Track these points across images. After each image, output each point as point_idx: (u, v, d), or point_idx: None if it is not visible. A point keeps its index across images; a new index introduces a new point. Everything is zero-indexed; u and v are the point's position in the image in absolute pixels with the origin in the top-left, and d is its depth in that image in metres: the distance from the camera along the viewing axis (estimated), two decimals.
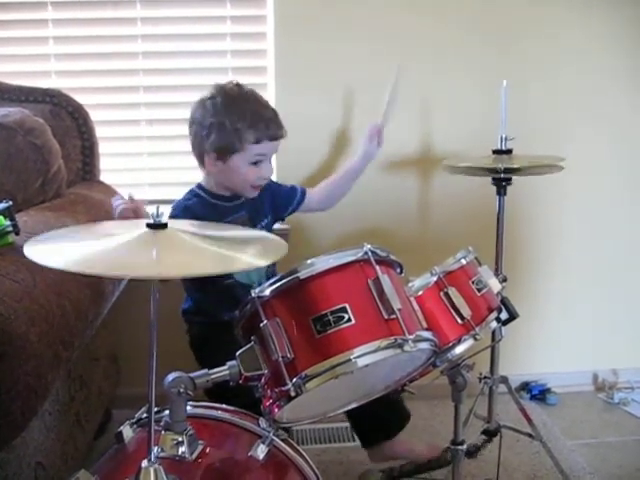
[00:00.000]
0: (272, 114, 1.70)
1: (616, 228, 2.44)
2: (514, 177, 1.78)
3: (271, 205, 1.87)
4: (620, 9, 2.26)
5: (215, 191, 1.77)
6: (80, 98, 2.06)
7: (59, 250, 0.96)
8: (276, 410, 1.05)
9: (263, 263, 0.96)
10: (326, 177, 2.14)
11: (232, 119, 1.65)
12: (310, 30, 2.18)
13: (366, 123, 2.23)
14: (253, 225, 1.78)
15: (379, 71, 2.20)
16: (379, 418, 1.79)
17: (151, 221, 0.95)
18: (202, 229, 1.09)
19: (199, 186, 1.79)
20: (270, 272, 1.76)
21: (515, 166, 1.73)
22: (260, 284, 1.73)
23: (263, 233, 1.25)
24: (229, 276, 1.70)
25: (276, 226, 1.96)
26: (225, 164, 1.70)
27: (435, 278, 1.28)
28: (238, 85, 1.73)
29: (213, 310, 1.71)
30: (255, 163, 1.69)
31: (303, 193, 1.95)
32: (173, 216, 1.69)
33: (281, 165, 2.25)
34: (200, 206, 1.73)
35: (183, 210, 1.71)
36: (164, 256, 0.93)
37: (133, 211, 1.44)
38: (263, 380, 1.06)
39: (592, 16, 2.26)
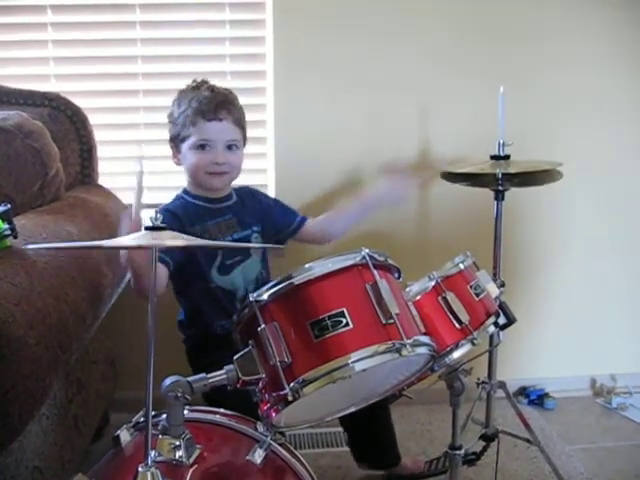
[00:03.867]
0: (213, 97, 1.68)
1: (614, 233, 2.44)
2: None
3: (265, 217, 1.84)
4: (619, 12, 2.26)
5: (197, 192, 1.76)
6: (79, 102, 2.06)
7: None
8: (274, 414, 1.05)
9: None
10: (324, 183, 2.15)
11: (178, 109, 1.71)
12: (309, 34, 2.18)
13: (365, 126, 2.25)
14: (242, 229, 1.76)
15: (378, 75, 2.22)
16: (373, 453, 1.88)
17: (150, 224, 0.96)
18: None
19: (184, 190, 1.80)
20: (262, 278, 1.76)
21: (513, 171, 1.73)
22: (246, 290, 1.73)
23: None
24: (209, 280, 1.69)
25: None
26: (181, 154, 1.72)
27: (433, 283, 1.28)
28: (199, 80, 1.75)
29: (202, 319, 1.71)
30: (202, 148, 1.68)
31: (302, 221, 1.90)
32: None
33: (280, 167, 2.25)
34: (183, 208, 1.72)
35: (164, 212, 1.68)
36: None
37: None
38: (261, 384, 1.06)
39: (591, 20, 2.27)
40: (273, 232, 1.85)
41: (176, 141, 1.73)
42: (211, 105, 1.66)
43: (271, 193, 2.25)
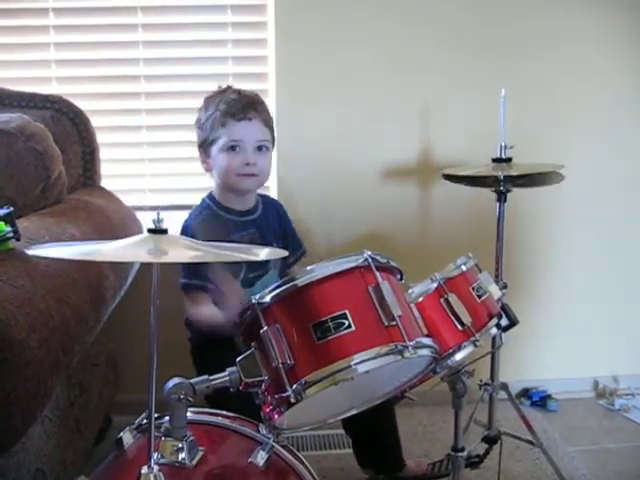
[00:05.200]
0: (241, 98, 1.68)
1: (616, 235, 2.44)
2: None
3: (278, 232, 1.83)
4: (620, 15, 2.27)
5: (224, 202, 1.75)
6: (81, 104, 2.06)
7: (63, 249, 1.01)
8: (276, 416, 1.05)
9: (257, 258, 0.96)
10: (325, 184, 2.16)
11: (206, 113, 1.70)
12: (311, 37, 2.19)
13: (366, 128, 2.25)
14: (264, 244, 1.72)
15: (379, 77, 2.22)
16: (378, 457, 1.84)
17: (152, 227, 0.96)
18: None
19: (210, 196, 1.78)
20: None
21: (514, 174, 1.73)
22: None
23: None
24: None
25: None
26: (211, 159, 1.72)
27: (435, 284, 1.28)
28: (224, 87, 1.74)
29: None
30: (232, 150, 1.67)
31: (303, 254, 1.89)
32: (182, 232, 1.69)
33: (281, 169, 2.25)
34: (209, 221, 1.71)
35: (192, 230, 1.68)
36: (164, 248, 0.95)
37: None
38: (263, 386, 1.06)
39: (591, 23, 2.27)
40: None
41: (205, 145, 1.72)
42: (240, 105, 1.66)
43: (273, 194, 2.25)
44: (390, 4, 2.20)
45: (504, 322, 1.46)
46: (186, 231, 1.70)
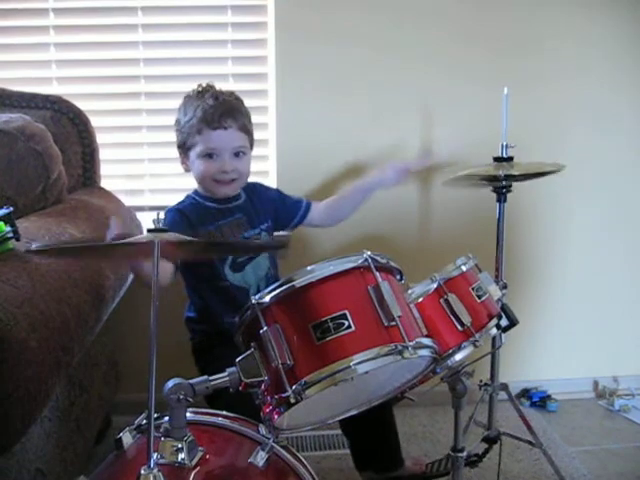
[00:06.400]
0: (217, 105, 1.67)
1: (616, 235, 2.44)
2: (515, 184, 1.78)
3: (272, 212, 1.86)
4: (621, 15, 2.27)
5: (207, 194, 1.77)
6: (81, 104, 2.07)
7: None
8: (276, 417, 1.05)
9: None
10: (325, 184, 2.15)
11: (184, 116, 1.71)
12: (311, 37, 2.19)
13: (366, 130, 2.25)
14: (252, 227, 1.77)
15: (379, 76, 2.22)
16: (377, 458, 1.82)
17: (152, 226, 0.96)
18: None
19: (194, 191, 1.80)
20: (271, 275, 1.77)
21: (515, 173, 1.73)
22: (258, 287, 1.75)
23: None
24: (224, 278, 1.70)
25: (275, 233, 1.94)
26: (189, 162, 1.73)
27: (435, 285, 1.28)
28: (204, 85, 1.74)
29: (214, 316, 1.71)
30: (209, 157, 1.68)
31: (308, 207, 1.91)
32: (165, 218, 1.69)
33: (281, 170, 2.25)
34: (192, 208, 1.74)
35: (174, 212, 1.72)
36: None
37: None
38: (263, 387, 1.06)
39: (593, 22, 2.27)
40: (283, 224, 1.88)
41: (183, 148, 1.73)
42: (216, 114, 1.66)
43: None
44: (390, 4, 2.20)
45: (504, 322, 1.45)
46: (168, 214, 1.71)
